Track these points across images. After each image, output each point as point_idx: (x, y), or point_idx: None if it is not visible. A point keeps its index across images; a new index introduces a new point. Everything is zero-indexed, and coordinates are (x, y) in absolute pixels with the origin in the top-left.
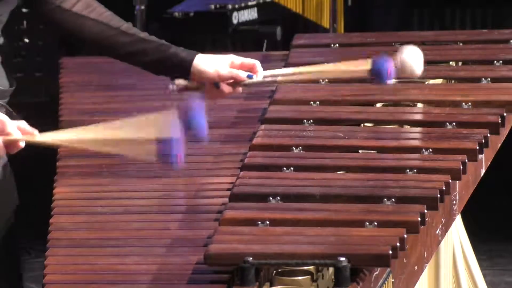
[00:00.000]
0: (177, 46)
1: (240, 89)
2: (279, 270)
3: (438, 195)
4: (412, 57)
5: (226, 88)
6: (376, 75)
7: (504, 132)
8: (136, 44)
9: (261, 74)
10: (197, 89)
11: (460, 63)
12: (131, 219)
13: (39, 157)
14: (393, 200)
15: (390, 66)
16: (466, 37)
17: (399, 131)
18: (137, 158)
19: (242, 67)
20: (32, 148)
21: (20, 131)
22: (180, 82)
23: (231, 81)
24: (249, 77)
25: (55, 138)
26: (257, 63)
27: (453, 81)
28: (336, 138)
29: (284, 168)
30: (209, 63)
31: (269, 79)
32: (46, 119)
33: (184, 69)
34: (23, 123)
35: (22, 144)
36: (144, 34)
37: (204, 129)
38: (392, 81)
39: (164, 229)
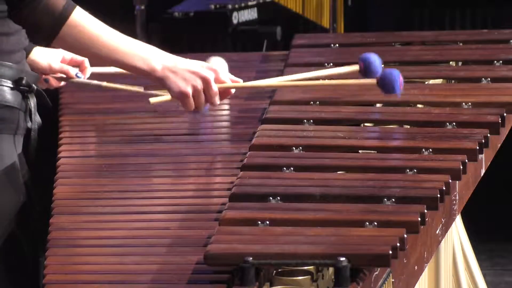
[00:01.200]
0: (176, 46)
1: (62, 83)
2: (279, 270)
3: (438, 195)
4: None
5: (53, 81)
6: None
7: (504, 132)
8: None
9: (89, 71)
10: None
11: (460, 63)
12: (131, 219)
13: (39, 156)
14: (393, 200)
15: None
16: (466, 37)
17: (399, 131)
18: None
19: (71, 62)
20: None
21: (230, 79)
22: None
23: (60, 75)
24: (77, 76)
25: (258, 84)
26: (85, 60)
27: (453, 81)
28: (336, 138)
29: (284, 168)
30: (43, 56)
31: (95, 82)
32: (46, 119)
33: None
34: (229, 74)
35: (232, 91)
36: None
37: None
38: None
39: (164, 229)
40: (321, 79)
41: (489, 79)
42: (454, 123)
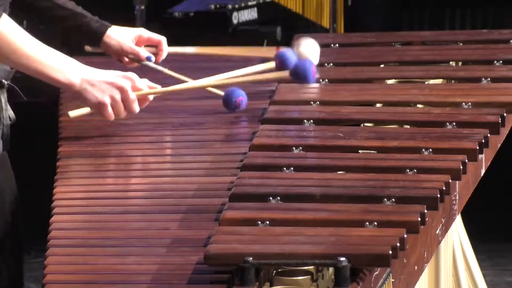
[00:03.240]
0: (176, 46)
1: (135, 64)
2: (279, 270)
3: (438, 195)
4: (309, 48)
5: (127, 62)
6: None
7: (504, 132)
8: (54, 9)
9: (166, 52)
10: (104, 55)
11: (460, 63)
12: (131, 219)
13: (38, 157)
14: (393, 200)
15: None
16: (466, 37)
17: (399, 131)
18: None
19: (149, 41)
20: (32, 147)
21: (147, 86)
22: (88, 48)
23: (132, 56)
24: (148, 58)
25: (176, 88)
26: (163, 39)
27: (453, 81)
28: (336, 138)
29: (284, 168)
30: (115, 37)
31: (160, 67)
32: (46, 119)
33: (95, 39)
34: (146, 80)
35: (150, 98)
36: (62, 1)
37: None
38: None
39: (164, 229)
40: (234, 78)
41: (489, 79)
42: (454, 123)
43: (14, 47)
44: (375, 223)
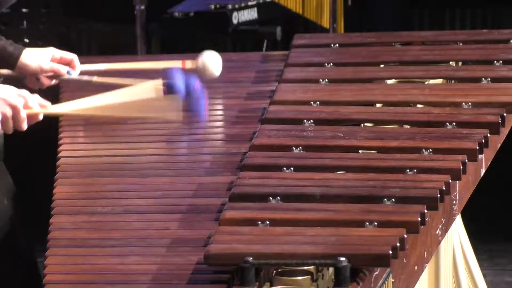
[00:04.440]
0: (176, 46)
1: (56, 81)
2: (279, 270)
3: (438, 195)
4: (211, 61)
5: (45, 80)
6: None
7: (504, 132)
8: None
9: (78, 69)
10: (18, 79)
11: (460, 63)
12: (131, 219)
13: (39, 156)
14: (393, 200)
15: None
16: (466, 37)
17: (399, 131)
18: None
19: (61, 60)
20: (32, 147)
21: (39, 104)
22: (3, 72)
23: (51, 74)
24: (68, 73)
25: (67, 109)
26: (75, 58)
27: (453, 81)
28: (336, 138)
29: (284, 168)
30: (33, 58)
31: (86, 77)
32: (46, 118)
33: (10, 62)
34: (38, 97)
35: (41, 117)
36: None
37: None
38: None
39: (164, 229)
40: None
41: (489, 79)
42: (454, 123)
43: None
44: (375, 223)
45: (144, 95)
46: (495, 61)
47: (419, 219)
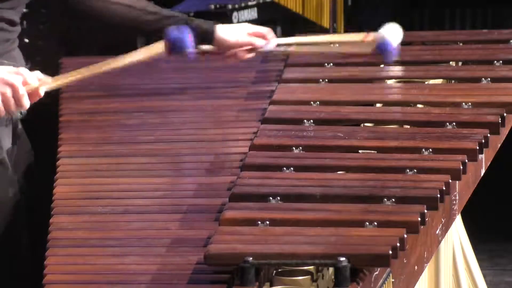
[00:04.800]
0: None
1: (253, 54)
2: (279, 270)
3: (438, 195)
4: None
5: (242, 54)
6: (381, 51)
7: (504, 132)
8: (161, 21)
9: (274, 42)
10: (216, 53)
11: (460, 63)
12: (131, 219)
13: (39, 156)
14: (393, 200)
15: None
16: (466, 37)
17: (399, 131)
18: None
19: (256, 34)
20: (32, 147)
21: (38, 80)
22: (203, 47)
23: (248, 47)
24: (266, 45)
25: (66, 80)
26: (269, 32)
27: (453, 81)
28: (336, 138)
29: (284, 168)
30: (229, 33)
31: (282, 49)
32: (46, 119)
33: (208, 39)
34: (38, 73)
35: (42, 92)
36: (166, 11)
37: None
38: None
39: (164, 229)
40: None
41: (489, 79)
42: (454, 123)
43: None
44: (375, 223)
45: (147, 54)
46: (495, 61)
47: (419, 219)
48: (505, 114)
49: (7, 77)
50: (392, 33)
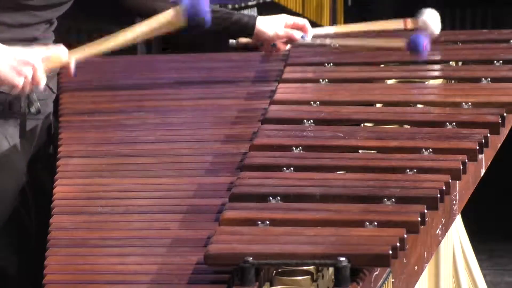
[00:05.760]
0: (176, 46)
1: (287, 47)
2: (279, 270)
3: (438, 195)
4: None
5: (281, 45)
6: (413, 49)
7: (504, 132)
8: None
9: (311, 33)
10: (255, 45)
11: (460, 63)
12: (131, 219)
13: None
14: (393, 200)
15: (426, 41)
16: (466, 37)
17: (399, 131)
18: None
19: (294, 26)
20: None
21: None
22: (243, 40)
23: (286, 39)
24: (303, 37)
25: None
26: (306, 23)
27: (453, 81)
28: (336, 138)
29: (284, 168)
30: (268, 26)
31: (318, 41)
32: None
33: (248, 32)
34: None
35: (56, 70)
36: (215, 7)
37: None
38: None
39: (164, 229)
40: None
41: (489, 79)
42: (454, 123)
43: None
44: (375, 223)
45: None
46: (495, 61)
47: (419, 219)
48: (505, 114)
49: (27, 58)
50: (431, 20)
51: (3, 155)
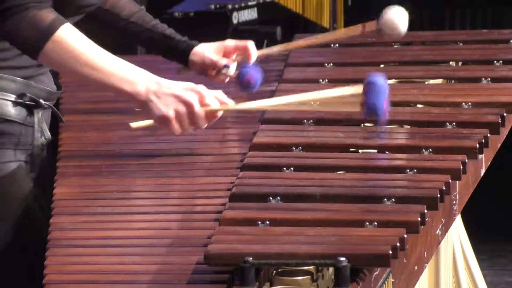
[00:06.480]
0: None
1: (223, 77)
2: (279, 270)
3: (438, 195)
4: (397, 17)
5: (212, 74)
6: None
7: (504, 132)
8: (144, 34)
9: (255, 55)
10: (198, 73)
11: (460, 63)
12: (131, 219)
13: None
14: (393, 200)
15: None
16: (466, 37)
17: (399, 131)
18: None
19: (236, 49)
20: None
21: (218, 101)
22: (181, 68)
23: (214, 68)
24: (226, 66)
25: (252, 106)
26: (250, 45)
27: (453, 81)
28: (336, 138)
29: (284, 168)
30: (198, 54)
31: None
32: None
33: (183, 59)
34: (220, 93)
35: (219, 114)
36: (151, 24)
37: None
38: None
39: (164, 229)
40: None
41: (489, 79)
42: (454, 123)
43: (78, 56)
44: (375, 223)
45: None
46: (495, 61)
47: (419, 219)
48: (505, 114)
49: (183, 94)
50: (396, 19)
51: (15, 183)
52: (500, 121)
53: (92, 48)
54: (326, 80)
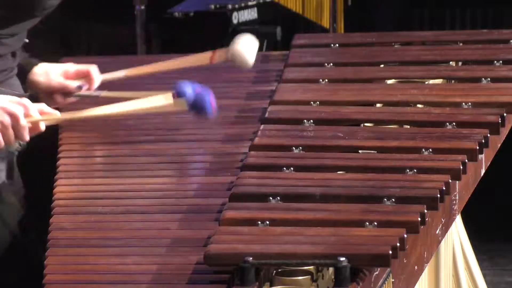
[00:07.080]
0: (176, 46)
1: (72, 98)
2: (279, 270)
3: (438, 195)
4: (245, 47)
5: (59, 98)
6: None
7: (504, 132)
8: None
9: (98, 80)
10: (37, 97)
11: (460, 63)
12: (131, 219)
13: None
14: (393, 200)
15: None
16: (466, 37)
17: (399, 131)
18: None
19: (77, 74)
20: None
21: (41, 113)
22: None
23: (63, 91)
24: (79, 87)
25: (74, 116)
26: (91, 69)
27: (453, 81)
28: (336, 138)
29: (284, 168)
30: (42, 75)
31: (95, 93)
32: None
33: (23, 79)
34: (43, 106)
35: (42, 127)
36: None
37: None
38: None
39: (164, 229)
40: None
41: (489, 79)
42: (454, 123)
43: None
44: (375, 223)
45: (154, 104)
46: (495, 61)
47: (419, 219)
48: (505, 114)
49: (8, 106)
50: (243, 49)
51: None
52: (500, 121)
53: None
54: (326, 80)
